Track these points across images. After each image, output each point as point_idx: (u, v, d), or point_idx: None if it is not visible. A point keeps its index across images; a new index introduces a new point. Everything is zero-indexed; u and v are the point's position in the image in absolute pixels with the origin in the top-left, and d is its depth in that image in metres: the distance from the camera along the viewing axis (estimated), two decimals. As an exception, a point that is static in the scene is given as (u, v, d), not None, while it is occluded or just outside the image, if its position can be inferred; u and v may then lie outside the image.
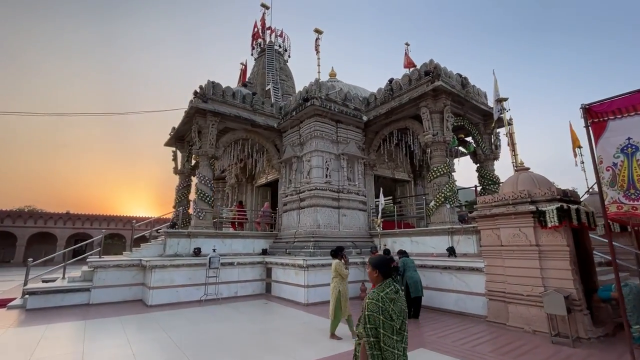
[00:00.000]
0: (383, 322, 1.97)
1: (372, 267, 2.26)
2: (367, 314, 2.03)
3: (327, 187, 11.06)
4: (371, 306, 2.03)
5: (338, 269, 5.58)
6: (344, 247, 6.11)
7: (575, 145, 10.70)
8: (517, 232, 6.24)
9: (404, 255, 7.50)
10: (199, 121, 11.49)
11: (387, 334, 1.97)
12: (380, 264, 2.24)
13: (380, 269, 2.23)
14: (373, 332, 1.99)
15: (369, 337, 1.99)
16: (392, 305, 2.03)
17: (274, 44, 21.47)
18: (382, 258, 2.32)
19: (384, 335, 1.97)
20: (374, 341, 1.98)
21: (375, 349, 1.97)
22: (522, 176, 6.76)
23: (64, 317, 7.15)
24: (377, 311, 2.00)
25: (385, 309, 2.00)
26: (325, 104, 11.41)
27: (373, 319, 2.00)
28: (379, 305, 2.01)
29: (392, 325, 1.98)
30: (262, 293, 10.25)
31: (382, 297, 2.05)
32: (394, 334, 1.98)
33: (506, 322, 6.16)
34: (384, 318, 1.98)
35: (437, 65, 10.34)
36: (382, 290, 2.10)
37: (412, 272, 7.02)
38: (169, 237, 10.00)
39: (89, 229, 32.68)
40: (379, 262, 2.26)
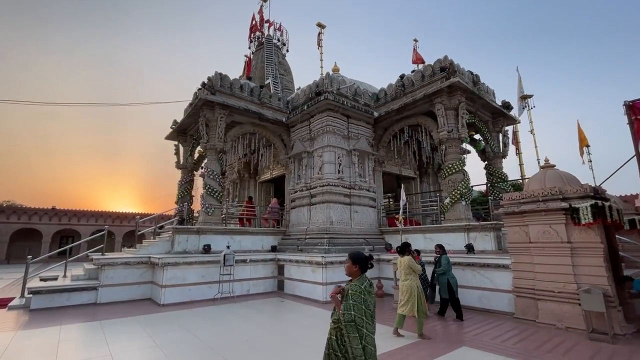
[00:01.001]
0: (364, 310, 2.35)
1: (353, 261, 2.57)
2: (351, 303, 2.38)
3: (339, 183, 10.89)
4: (355, 297, 2.39)
5: (412, 265, 5.51)
6: (410, 244, 6.02)
7: (583, 144, 10.88)
8: (547, 229, 6.23)
9: (443, 252, 6.95)
10: (207, 114, 11.10)
11: (368, 322, 2.36)
12: (360, 259, 2.57)
13: (360, 264, 2.56)
14: (354, 317, 2.34)
15: (351, 321, 2.33)
16: (369, 297, 2.42)
17: (273, 38, 21.06)
18: (361, 254, 2.61)
19: (366, 323, 2.35)
20: (354, 324, 2.33)
21: (354, 332, 2.32)
22: (550, 173, 6.76)
23: (75, 318, 6.76)
24: (360, 301, 2.37)
25: (365, 299, 2.37)
26: (337, 98, 11.21)
27: (356, 307, 2.35)
28: (362, 296, 2.38)
29: (369, 313, 2.38)
30: (274, 291, 10.02)
31: (362, 289, 2.43)
32: (369, 319, 2.37)
33: (536, 319, 6.15)
34: (365, 307, 2.35)
35: (452, 61, 10.28)
36: (362, 284, 2.46)
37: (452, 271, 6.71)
38: (178, 234, 9.64)
39: (76, 225, 31.53)
40: (359, 258, 2.58)
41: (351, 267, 2.57)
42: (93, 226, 32.35)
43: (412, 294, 5.34)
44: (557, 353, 4.59)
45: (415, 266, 5.57)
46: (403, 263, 5.60)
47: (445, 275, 6.49)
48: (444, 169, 10.26)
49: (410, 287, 5.40)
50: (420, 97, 10.57)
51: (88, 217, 32.24)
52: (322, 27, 20.34)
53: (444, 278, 6.49)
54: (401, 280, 5.55)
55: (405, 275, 5.53)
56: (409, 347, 4.88)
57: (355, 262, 2.56)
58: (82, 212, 32.03)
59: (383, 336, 5.43)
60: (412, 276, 5.50)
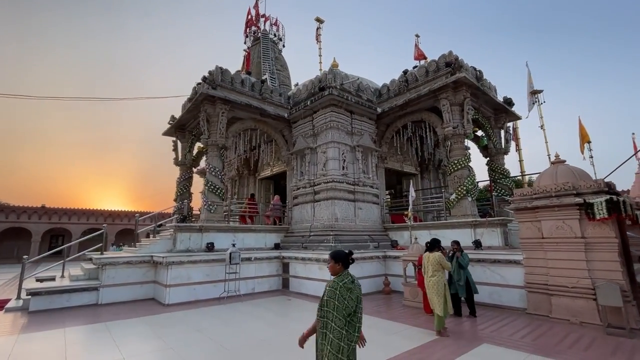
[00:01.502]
0: (336, 307, 2.30)
1: (335, 260, 2.55)
2: (325, 299, 2.38)
3: (343, 179, 10.76)
4: (330, 293, 2.38)
5: (442, 262, 5.44)
6: (439, 240, 5.96)
7: (584, 141, 10.96)
8: (560, 225, 6.22)
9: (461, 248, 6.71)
10: (208, 109, 10.84)
11: (338, 317, 2.31)
12: (341, 256, 2.55)
13: (342, 261, 2.55)
14: (327, 314, 2.32)
15: (323, 318, 2.33)
16: (349, 293, 2.37)
17: (269, 33, 20.74)
18: (342, 252, 2.59)
19: (335, 317, 2.31)
20: (326, 321, 2.32)
21: (325, 328, 2.30)
22: (561, 168, 6.75)
23: (78, 320, 6.52)
24: (334, 297, 2.34)
25: (341, 295, 2.33)
26: (341, 94, 11.06)
27: (329, 303, 2.34)
28: (337, 292, 2.35)
29: (344, 310, 2.32)
30: (279, 289, 9.89)
31: (340, 285, 2.40)
32: (344, 317, 2.32)
33: (549, 314, 6.15)
34: (338, 303, 2.31)
35: (457, 57, 10.22)
36: (342, 280, 2.44)
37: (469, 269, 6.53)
38: (180, 232, 9.40)
39: (66, 224, 30.79)
40: (340, 255, 2.56)
41: (334, 266, 2.56)
42: (84, 225, 31.65)
43: (440, 291, 5.27)
44: (578, 349, 4.57)
45: (445, 263, 5.52)
46: (432, 259, 5.50)
47: (465, 273, 6.42)
48: (449, 164, 10.22)
49: (438, 284, 5.32)
50: (426, 92, 10.48)
51: (79, 215, 31.50)
52: (321, 22, 20.11)
53: (463, 275, 6.40)
54: (428, 276, 5.46)
55: (433, 272, 5.43)
56: (429, 345, 4.81)
57: (338, 260, 2.55)
58: (73, 210, 31.27)
59: (400, 334, 5.36)
60: (440, 273, 5.42)
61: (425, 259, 5.63)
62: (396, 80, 12.26)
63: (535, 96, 8.33)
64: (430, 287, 5.38)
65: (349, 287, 2.41)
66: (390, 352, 4.49)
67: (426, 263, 5.58)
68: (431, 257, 5.55)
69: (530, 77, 8.47)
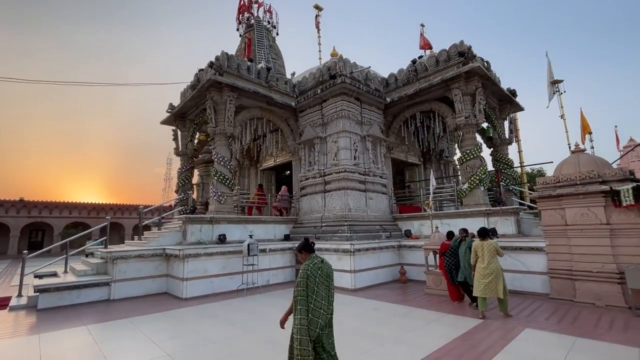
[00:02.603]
0: (308, 284, 2.61)
1: (299, 251, 2.90)
2: (299, 280, 2.65)
3: (355, 169, 10.67)
4: (302, 273, 2.66)
5: (497, 249, 5.62)
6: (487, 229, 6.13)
7: (585, 132, 11.28)
8: (585, 212, 6.37)
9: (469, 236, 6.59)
10: (214, 96, 10.41)
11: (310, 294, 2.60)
12: (303, 247, 2.89)
13: (305, 250, 2.87)
14: (301, 292, 2.60)
15: (299, 295, 2.60)
16: (319, 272, 2.67)
17: (262, 20, 20.12)
18: (302, 243, 2.92)
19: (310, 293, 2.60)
20: (301, 298, 2.59)
21: (300, 304, 2.58)
22: (583, 157, 6.90)
23: (96, 316, 6.18)
24: (305, 277, 2.63)
25: (312, 274, 2.63)
26: (353, 82, 10.88)
27: (303, 282, 2.61)
28: (307, 272, 2.64)
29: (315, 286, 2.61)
30: (293, 280, 9.75)
31: (310, 267, 2.68)
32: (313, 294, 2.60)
33: (573, 299, 6.33)
34: (310, 282, 2.61)
35: (470, 46, 10.22)
36: (311, 262, 2.73)
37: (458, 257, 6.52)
38: (191, 224, 9.07)
39: (47, 218, 29.32)
40: (302, 246, 2.90)
41: (302, 256, 2.88)
42: (66, 219, 30.27)
43: (498, 277, 5.44)
44: (617, 330, 4.71)
45: (500, 250, 5.68)
46: (488, 247, 5.61)
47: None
48: (461, 154, 10.29)
49: (498, 270, 5.49)
50: (437, 82, 10.46)
51: (61, 209, 30.05)
52: (320, 9, 19.70)
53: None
54: (485, 263, 5.52)
55: (490, 259, 5.54)
56: (474, 331, 4.83)
57: (302, 250, 2.89)
58: (54, 203, 29.78)
59: (439, 322, 5.37)
60: (496, 259, 5.58)
61: (479, 247, 5.70)
62: (404, 69, 12.16)
63: (555, 86, 8.45)
64: (488, 275, 5.44)
65: (318, 267, 2.70)
66: (441, 339, 4.47)
67: (480, 251, 5.64)
68: (486, 245, 5.65)
69: (550, 67, 8.57)
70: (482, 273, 5.50)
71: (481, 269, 5.54)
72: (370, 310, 6.21)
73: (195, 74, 12.07)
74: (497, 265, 5.51)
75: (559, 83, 8.42)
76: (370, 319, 5.64)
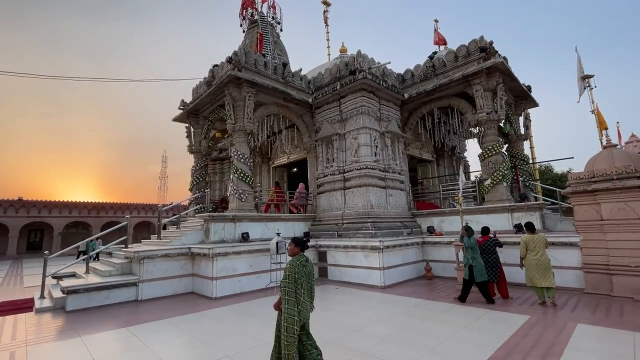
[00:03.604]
0: (296, 280, 2.88)
1: (295, 244, 3.17)
2: (288, 274, 2.92)
3: (376, 166, 10.60)
4: (289, 269, 2.94)
5: (547, 241, 6.07)
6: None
7: (602, 127, 11.34)
8: (622, 206, 6.39)
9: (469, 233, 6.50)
10: (233, 92, 10.23)
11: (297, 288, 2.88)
12: (301, 242, 3.19)
13: (301, 245, 3.17)
14: (290, 284, 2.87)
15: (285, 288, 2.88)
16: (303, 269, 2.98)
17: (266, 16, 19.86)
18: (301, 239, 3.22)
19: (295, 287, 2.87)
20: (288, 290, 2.86)
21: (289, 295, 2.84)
22: (616, 152, 6.91)
23: (131, 318, 6.03)
24: (293, 272, 2.91)
25: (297, 271, 2.92)
26: (374, 77, 10.78)
27: (292, 277, 2.89)
28: (294, 269, 2.93)
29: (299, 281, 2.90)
30: (316, 278, 9.69)
31: (296, 264, 2.98)
32: (301, 287, 2.89)
33: (610, 293, 6.37)
34: (297, 277, 2.89)
35: (492, 42, 10.17)
36: (298, 260, 3.03)
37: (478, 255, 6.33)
38: (213, 222, 8.93)
39: (47, 218, 28.79)
40: (300, 241, 3.20)
41: (294, 249, 3.14)
42: (66, 218, 29.76)
43: (550, 267, 5.91)
44: (670, 324, 4.73)
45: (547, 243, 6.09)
46: (540, 240, 6.00)
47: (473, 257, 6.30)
48: (482, 150, 10.27)
49: (549, 261, 5.95)
50: (458, 77, 10.40)
51: (60, 208, 29.51)
52: (328, 4, 19.53)
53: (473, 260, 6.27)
54: (539, 255, 5.92)
55: (542, 251, 5.94)
56: (527, 327, 4.80)
57: (298, 245, 3.16)
58: (54, 203, 29.24)
59: (487, 318, 5.33)
60: (545, 251, 5.97)
61: (531, 240, 6.03)
62: (421, 65, 12.10)
63: (586, 81, 8.46)
64: (542, 265, 5.88)
65: (304, 264, 3.02)
66: (499, 336, 4.44)
67: (532, 244, 6.01)
68: (537, 238, 6.04)
69: (580, 62, 8.57)
70: (536, 264, 5.88)
71: (533, 260, 5.90)
72: (412, 307, 6.16)
73: (210, 69, 11.88)
74: (548, 257, 5.96)
75: (590, 78, 8.43)
76: (416, 316, 5.59)
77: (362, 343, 4.37)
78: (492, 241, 6.68)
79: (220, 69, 11.24)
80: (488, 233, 6.90)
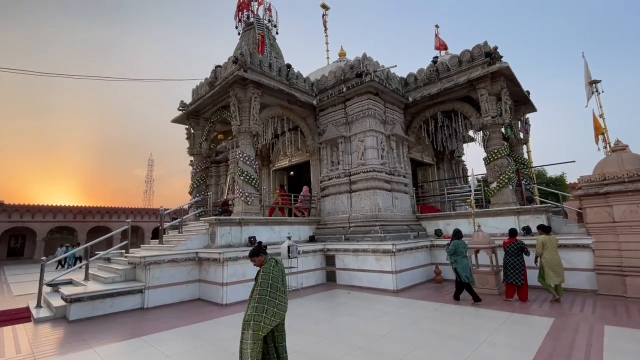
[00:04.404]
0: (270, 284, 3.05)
1: (254, 255, 3.28)
2: (263, 278, 3.08)
3: (382, 169, 10.55)
4: (265, 273, 3.11)
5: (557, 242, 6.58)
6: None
7: (598, 133, 11.66)
8: (634, 209, 6.51)
9: (455, 237, 6.97)
10: (238, 93, 10.02)
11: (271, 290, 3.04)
12: (257, 251, 3.28)
13: (261, 253, 3.28)
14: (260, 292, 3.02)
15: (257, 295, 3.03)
16: (278, 272, 3.15)
17: (262, 18, 19.74)
18: (255, 248, 3.30)
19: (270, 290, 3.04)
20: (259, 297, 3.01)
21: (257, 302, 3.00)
22: (626, 156, 7.06)
23: (143, 327, 5.72)
24: (265, 277, 3.08)
25: (273, 276, 3.09)
26: (381, 80, 10.77)
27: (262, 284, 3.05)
28: (268, 273, 3.10)
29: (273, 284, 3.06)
30: (324, 282, 9.52)
31: (269, 269, 3.14)
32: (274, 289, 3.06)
33: (624, 294, 6.45)
34: (271, 281, 3.06)
35: (497, 47, 10.33)
36: (268, 265, 3.19)
37: (464, 258, 6.68)
38: (220, 226, 8.65)
39: (29, 223, 27.54)
40: (254, 251, 3.28)
41: (258, 259, 3.27)
42: (51, 223, 28.57)
43: (562, 266, 6.41)
44: (693, 324, 4.79)
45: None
46: (554, 241, 6.51)
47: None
48: (487, 154, 10.36)
49: (560, 260, 6.42)
50: (464, 81, 10.50)
51: (44, 212, 28.31)
52: (326, 8, 19.55)
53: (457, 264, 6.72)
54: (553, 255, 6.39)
55: (556, 251, 6.42)
56: (557, 329, 4.78)
57: (257, 254, 3.26)
58: (37, 207, 28.02)
59: (512, 321, 5.29)
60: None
61: (548, 240, 6.50)
62: (424, 69, 12.19)
63: (594, 86, 8.66)
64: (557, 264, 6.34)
65: (276, 266, 3.19)
66: (532, 339, 4.39)
67: (549, 243, 6.46)
68: (553, 239, 6.50)
69: (587, 68, 8.78)
70: (552, 263, 6.30)
71: (550, 259, 6.31)
72: (433, 312, 6.07)
73: (212, 70, 11.64)
74: (559, 256, 6.48)
75: (597, 83, 8.65)
76: (441, 320, 5.50)
77: (397, 349, 4.24)
78: (518, 244, 6.68)
79: (224, 70, 11.03)
80: (515, 235, 6.90)
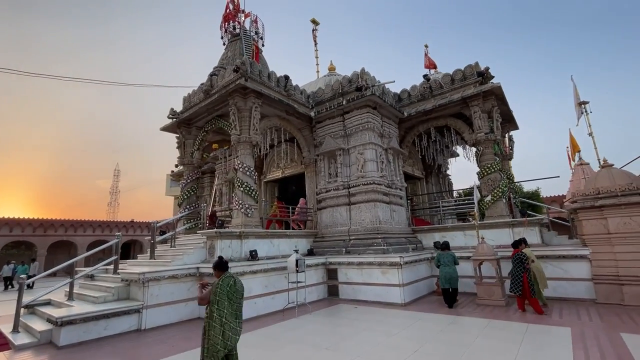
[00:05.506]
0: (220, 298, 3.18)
1: (214, 269, 3.50)
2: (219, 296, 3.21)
3: (382, 181, 10.63)
4: (215, 289, 3.25)
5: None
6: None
7: (575, 150, 12.56)
8: (627, 221, 6.95)
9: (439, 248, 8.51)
10: (238, 102, 9.80)
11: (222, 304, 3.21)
12: (218, 265, 3.50)
13: (219, 268, 3.49)
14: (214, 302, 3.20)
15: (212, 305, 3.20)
16: (228, 288, 3.28)
17: (249, 30, 19.76)
18: (217, 262, 3.52)
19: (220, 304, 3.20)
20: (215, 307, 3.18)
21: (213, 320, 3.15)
22: (615, 171, 7.58)
23: (148, 352, 5.21)
24: (216, 292, 3.21)
25: (222, 291, 3.22)
26: (381, 95, 10.97)
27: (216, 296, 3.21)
28: (218, 289, 3.24)
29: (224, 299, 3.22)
30: (326, 297, 9.27)
31: (221, 284, 3.30)
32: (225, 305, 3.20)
33: (622, 302, 6.79)
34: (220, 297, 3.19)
35: (488, 67, 10.92)
36: (222, 280, 3.34)
37: (444, 266, 7.70)
38: (220, 239, 8.24)
39: (-19, 237, 24.88)
40: (216, 265, 3.51)
41: (218, 273, 3.45)
42: (6, 237, 25.99)
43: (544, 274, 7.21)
44: (697, 330, 5.09)
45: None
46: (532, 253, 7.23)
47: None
48: (481, 168, 10.77)
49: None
50: (457, 98, 10.96)
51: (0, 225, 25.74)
52: (316, 23, 19.89)
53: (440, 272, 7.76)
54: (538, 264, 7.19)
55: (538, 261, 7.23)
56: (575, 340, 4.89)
57: (215, 268, 3.49)
58: (-11, 219, 25.43)
59: (531, 333, 5.37)
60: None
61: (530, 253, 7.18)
62: (417, 86, 12.61)
63: (583, 107, 9.33)
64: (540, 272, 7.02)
65: (228, 283, 3.32)
66: (561, 350, 4.45)
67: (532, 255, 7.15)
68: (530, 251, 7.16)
69: (576, 89, 9.46)
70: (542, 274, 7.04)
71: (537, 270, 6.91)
72: (450, 325, 6.04)
73: (208, 77, 11.39)
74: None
75: (586, 104, 9.35)
76: (463, 333, 5.48)
77: (436, 365, 4.13)
78: (520, 256, 6.84)
79: (221, 78, 10.79)
80: (518, 247, 7.09)
